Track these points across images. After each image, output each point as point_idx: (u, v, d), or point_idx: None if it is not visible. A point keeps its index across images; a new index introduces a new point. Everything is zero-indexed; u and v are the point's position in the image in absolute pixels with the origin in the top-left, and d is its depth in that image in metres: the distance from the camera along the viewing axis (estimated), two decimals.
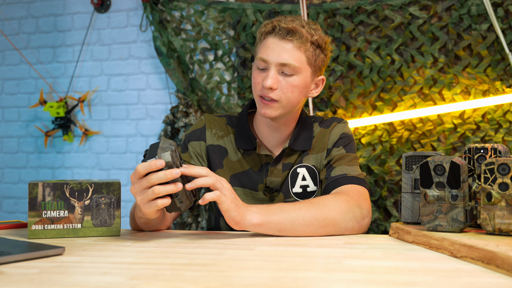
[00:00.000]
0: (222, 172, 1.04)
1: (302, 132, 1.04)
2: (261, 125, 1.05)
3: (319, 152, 1.05)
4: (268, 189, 1.02)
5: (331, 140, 1.05)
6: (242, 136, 1.04)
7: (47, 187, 0.83)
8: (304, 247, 0.74)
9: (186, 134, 1.07)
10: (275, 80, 0.96)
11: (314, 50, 0.99)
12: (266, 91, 0.96)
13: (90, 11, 2.32)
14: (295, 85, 0.97)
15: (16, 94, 2.44)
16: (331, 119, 1.09)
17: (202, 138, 1.05)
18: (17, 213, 2.40)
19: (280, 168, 1.02)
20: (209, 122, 1.07)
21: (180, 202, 0.76)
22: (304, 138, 1.04)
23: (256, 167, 1.03)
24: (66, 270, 0.59)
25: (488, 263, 0.59)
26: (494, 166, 0.71)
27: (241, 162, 1.04)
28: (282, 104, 0.97)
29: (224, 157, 1.04)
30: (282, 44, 0.96)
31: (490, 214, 0.71)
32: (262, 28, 0.99)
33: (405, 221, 0.86)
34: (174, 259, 0.65)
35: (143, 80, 2.27)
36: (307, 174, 1.03)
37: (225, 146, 1.05)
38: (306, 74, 0.99)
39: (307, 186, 1.03)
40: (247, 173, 1.03)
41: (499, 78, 1.83)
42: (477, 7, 1.83)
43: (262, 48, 0.98)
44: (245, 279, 0.54)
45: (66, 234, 0.84)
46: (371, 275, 0.56)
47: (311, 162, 1.04)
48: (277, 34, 0.96)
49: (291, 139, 1.03)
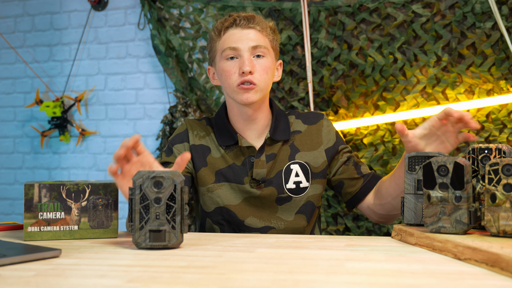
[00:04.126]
0: (206, 170, 1.06)
1: (279, 123, 1.09)
2: (238, 120, 1.07)
3: (312, 149, 1.08)
4: (255, 181, 1.04)
5: (329, 139, 1.10)
6: (222, 133, 1.07)
7: (43, 188, 0.82)
8: (305, 249, 0.73)
9: (170, 139, 1.11)
10: (252, 63, 1.00)
11: (272, 34, 1.06)
12: (246, 76, 0.99)
13: (87, 9, 2.30)
14: (267, 66, 1.03)
15: (11, 94, 2.42)
16: (310, 113, 1.13)
17: (185, 140, 1.09)
18: (13, 214, 2.39)
19: (264, 159, 1.05)
20: (190, 125, 1.12)
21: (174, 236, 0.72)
22: (282, 128, 1.08)
23: (239, 161, 1.06)
24: (62, 272, 0.58)
25: (492, 266, 0.59)
26: (499, 166, 0.70)
27: (224, 158, 1.06)
28: (260, 87, 1.01)
29: (207, 155, 1.07)
30: (246, 31, 1.02)
31: (495, 215, 0.70)
32: (219, 25, 1.04)
33: (407, 223, 0.85)
34: (173, 262, 0.64)
35: (141, 79, 2.26)
36: (300, 170, 1.06)
37: (207, 145, 1.08)
38: (272, 57, 1.05)
39: (300, 182, 1.06)
40: (231, 167, 1.05)
41: (503, 77, 1.82)
42: (481, 5, 1.82)
43: (226, 41, 1.02)
44: (245, 281, 0.54)
45: (63, 236, 0.83)
46: (373, 278, 0.55)
47: (303, 159, 1.07)
48: (238, 26, 1.02)
49: (271, 130, 1.06)
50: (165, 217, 0.72)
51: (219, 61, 1.04)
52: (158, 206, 0.72)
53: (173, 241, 0.72)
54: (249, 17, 1.02)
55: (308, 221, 1.08)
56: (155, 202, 0.72)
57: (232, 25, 1.03)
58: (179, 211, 0.72)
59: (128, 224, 0.89)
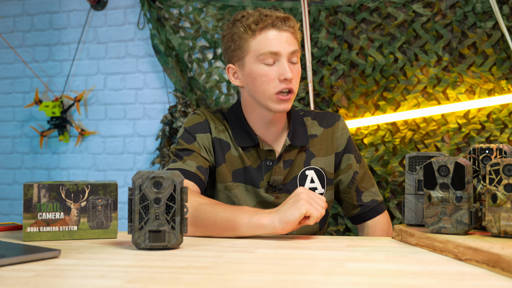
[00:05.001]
0: (225, 167, 1.02)
1: (298, 127, 1.05)
2: (256, 123, 1.03)
3: (327, 155, 1.05)
4: (271, 187, 1.02)
5: (339, 143, 1.06)
6: (239, 133, 1.02)
7: (42, 188, 0.81)
8: (305, 250, 0.73)
9: (188, 127, 1.02)
10: (291, 69, 0.96)
11: (300, 35, 1.02)
12: (287, 83, 0.95)
13: (87, 9, 2.30)
14: (300, 71, 1.00)
15: (10, 94, 2.42)
16: (327, 114, 1.09)
17: (207, 130, 1.03)
18: (12, 215, 2.38)
19: (282, 165, 1.02)
20: (208, 116, 1.05)
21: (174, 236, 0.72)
22: (300, 133, 1.04)
23: (256, 164, 1.02)
24: (62, 273, 0.58)
25: (493, 266, 0.58)
26: (500, 167, 0.70)
27: (242, 158, 1.02)
28: (294, 94, 0.98)
29: (226, 151, 1.03)
30: (284, 34, 0.96)
31: (495, 216, 0.70)
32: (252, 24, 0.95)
33: (408, 223, 0.85)
34: (173, 262, 0.64)
35: (140, 79, 2.25)
36: (315, 176, 1.03)
37: (227, 141, 1.03)
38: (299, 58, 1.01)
39: (315, 188, 1.04)
40: (248, 169, 1.02)
41: (504, 77, 1.81)
42: (482, 4, 1.82)
43: (264, 43, 0.95)
44: (245, 282, 0.53)
45: (62, 237, 0.82)
46: (373, 278, 0.55)
47: (319, 165, 1.04)
48: (275, 27, 0.96)
49: (289, 135, 1.02)
50: (165, 217, 0.71)
51: (253, 63, 0.97)
52: (157, 207, 0.71)
53: (172, 242, 0.72)
54: (285, 18, 0.96)
55: (321, 228, 1.07)
56: (155, 202, 0.71)
57: (269, 26, 0.95)
58: (179, 212, 0.72)
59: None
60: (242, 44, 0.97)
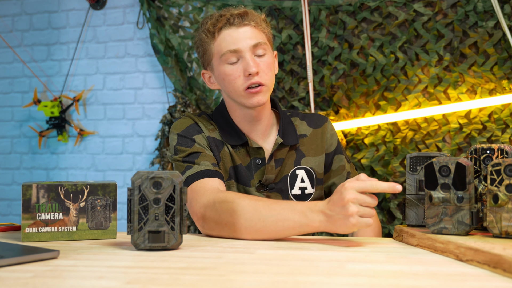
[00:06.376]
0: (222, 165, 1.02)
1: (287, 126, 1.06)
2: (241, 122, 1.03)
3: (316, 155, 1.06)
4: (262, 186, 1.02)
5: (329, 144, 1.08)
6: (228, 132, 1.03)
7: (41, 188, 0.81)
8: (306, 251, 0.73)
9: (182, 131, 1.01)
10: (256, 63, 0.96)
11: (266, 26, 1.01)
12: (253, 78, 0.95)
13: (86, 8, 2.29)
14: (270, 62, 0.99)
15: (9, 93, 2.41)
16: (315, 115, 1.11)
17: (200, 131, 1.02)
18: (10, 215, 2.38)
19: (273, 164, 1.02)
20: (195, 118, 1.05)
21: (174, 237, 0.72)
22: (290, 132, 1.05)
23: (245, 163, 1.03)
24: (60, 274, 0.58)
25: (494, 267, 0.58)
26: (501, 167, 0.70)
27: (233, 156, 1.02)
28: (268, 86, 0.98)
29: (220, 149, 1.03)
30: (243, 29, 0.96)
31: (497, 216, 0.70)
32: (210, 26, 0.97)
33: (409, 224, 0.85)
34: (172, 263, 0.64)
35: (140, 78, 2.25)
36: (305, 176, 1.04)
37: (219, 139, 1.04)
38: (271, 51, 1.01)
39: (305, 188, 1.04)
40: (238, 168, 1.02)
41: (506, 77, 1.81)
42: (483, 3, 1.81)
43: (223, 43, 0.96)
44: (244, 283, 0.53)
45: (61, 237, 0.82)
46: (374, 279, 0.55)
47: (309, 165, 1.05)
48: (233, 25, 0.96)
49: (280, 133, 1.03)
50: (164, 218, 0.71)
51: (218, 65, 0.98)
52: (157, 207, 0.71)
53: (172, 242, 0.72)
54: (242, 14, 0.96)
55: None
56: (154, 202, 0.71)
57: (225, 25, 0.96)
58: (179, 212, 0.72)
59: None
60: (207, 48, 1.00)
